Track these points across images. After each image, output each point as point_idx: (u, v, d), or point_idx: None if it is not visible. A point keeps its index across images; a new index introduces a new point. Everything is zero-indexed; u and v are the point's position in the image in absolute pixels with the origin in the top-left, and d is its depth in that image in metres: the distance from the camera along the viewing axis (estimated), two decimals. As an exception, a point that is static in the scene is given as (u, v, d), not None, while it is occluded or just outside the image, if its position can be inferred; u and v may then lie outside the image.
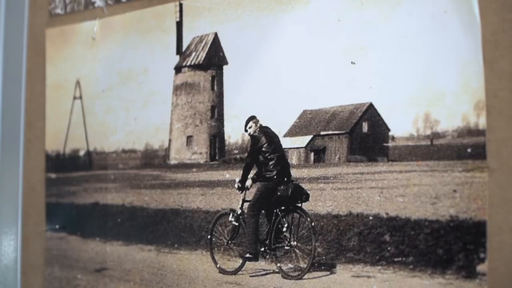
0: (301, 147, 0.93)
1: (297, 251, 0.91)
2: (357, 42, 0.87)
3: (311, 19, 0.90)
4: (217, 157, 0.98)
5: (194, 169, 0.99)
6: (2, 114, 1.10)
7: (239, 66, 0.95)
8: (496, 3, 0.80)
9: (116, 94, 1.04)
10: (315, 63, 0.90)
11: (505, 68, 0.79)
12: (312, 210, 0.90)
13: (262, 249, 0.93)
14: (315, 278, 0.88)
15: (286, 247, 0.92)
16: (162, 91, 1.01)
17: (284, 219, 0.93)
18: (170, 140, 1.01)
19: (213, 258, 0.95)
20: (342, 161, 0.90)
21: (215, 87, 0.99)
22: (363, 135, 0.89)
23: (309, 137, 0.92)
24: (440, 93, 0.82)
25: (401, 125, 0.85)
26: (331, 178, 0.90)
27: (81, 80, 1.07)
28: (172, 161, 1.01)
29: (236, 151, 0.97)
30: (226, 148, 0.97)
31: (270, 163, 0.93)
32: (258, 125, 0.94)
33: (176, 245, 0.98)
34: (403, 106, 0.84)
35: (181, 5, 0.99)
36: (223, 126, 0.97)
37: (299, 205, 0.91)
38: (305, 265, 0.89)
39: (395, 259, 0.84)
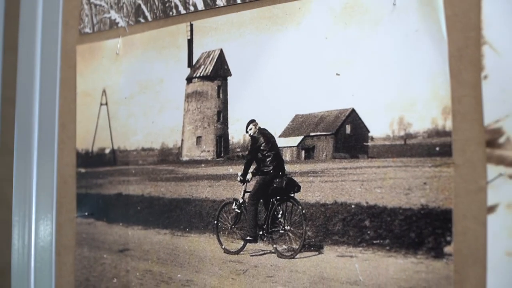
0: (293, 146, 0.92)
1: (290, 234, 0.90)
2: (342, 57, 0.87)
3: (302, 37, 0.89)
4: (222, 155, 0.97)
5: (202, 165, 0.98)
6: (39, 118, 1.09)
7: (241, 77, 0.94)
8: (460, 23, 0.79)
9: (136, 101, 1.02)
10: (305, 74, 0.89)
11: (468, 79, 0.78)
12: (303, 200, 0.89)
13: (261, 232, 0.92)
14: (305, 257, 0.87)
15: (281, 231, 0.90)
16: (176, 98, 1.00)
17: (279, 207, 0.91)
18: (182, 140, 1.00)
19: (219, 240, 0.94)
20: (328, 158, 0.89)
21: (221, 95, 0.98)
22: (347, 136, 0.87)
23: (300, 138, 0.91)
24: (412, 100, 0.81)
25: (379, 127, 0.84)
26: (319, 172, 0.89)
27: (107, 89, 1.06)
28: (184, 158, 0.99)
29: (238, 150, 0.96)
30: (230, 147, 0.96)
31: (267, 159, 0.92)
32: (257, 127, 0.93)
33: (187, 229, 0.97)
34: (380, 111, 0.83)
35: (191, 25, 0.98)
36: (227, 128, 0.96)
37: (292, 195, 0.90)
38: (297, 246, 0.88)
39: (374, 242, 0.83)
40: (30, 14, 1.12)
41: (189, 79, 1.00)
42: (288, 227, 0.90)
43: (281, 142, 0.92)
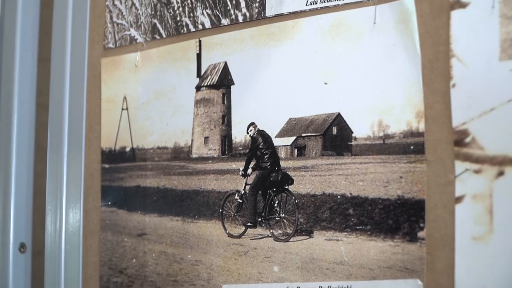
0: (287, 145, 0.90)
1: (285, 221, 0.88)
2: (329, 68, 0.86)
3: (295, 51, 0.88)
4: (226, 152, 0.96)
5: (209, 161, 0.96)
6: (69, 121, 1.07)
7: (242, 86, 0.93)
8: (431, 39, 0.78)
9: (152, 106, 1.01)
10: (297, 83, 0.88)
11: (439, 87, 0.77)
12: (295, 191, 0.87)
13: (259, 219, 0.91)
14: (298, 240, 0.86)
15: (277, 218, 0.89)
16: (186, 104, 0.98)
17: (275, 198, 0.90)
18: (192, 140, 0.98)
19: (223, 226, 0.92)
20: (317, 155, 0.88)
21: (225, 101, 0.96)
22: (333, 136, 0.86)
23: (293, 138, 0.90)
24: (390, 105, 0.80)
25: (361, 129, 0.83)
26: (310, 168, 0.87)
27: (127, 96, 1.04)
28: (194, 155, 0.98)
29: (240, 148, 0.94)
30: (233, 146, 0.95)
31: (265, 157, 0.91)
32: (256, 129, 0.92)
33: (196, 217, 0.96)
34: (362, 115, 0.82)
35: (200, 41, 0.97)
36: (230, 129, 0.95)
37: (286, 187, 0.89)
38: (290, 231, 0.87)
39: (357, 227, 0.82)
40: (61, 31, 1.11)
41: (198, 88, 0.98)
42: (283, 215, 0.89)
43: (277, 141, 0.91)
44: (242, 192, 0.94)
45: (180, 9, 1.01)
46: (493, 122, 0.73)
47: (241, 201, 0.93)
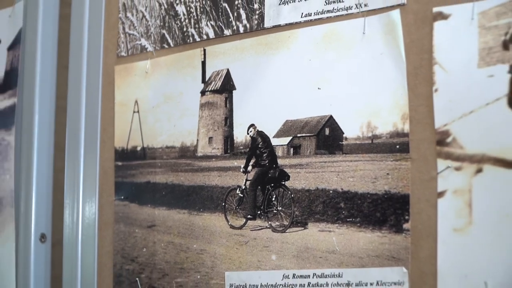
0: (284, 145, 0.89)
1: (282, 213, 0.87)
2: (322, 74, 0.84)
3: (291, 59, 0.87)
4: (228, 151, 0.95)
5: (213, 159, 0.95)
6: (85, 123, 1.07)
7: (243, 91, 0.92)
8: (416, 48, 0.77)
9: (161, 110, 1.00)
10: (293, 88, 0.86)
11: (422, 92, 0.76)
12: (291, 186, 0.86)
13: (259, 212, 0.90)
14: (294, 231, 0.85)
15: (274, 211, 0.88)
16: (192, 107, 0.97)
17: (273, 192, 0.89)
18: (197, 140, 0.97)
19: (226, 218, 0.91)
20: (311, 154, 0.87)
21: (227, 104, 0.95)
22: (326, 137, 0.85)
23: (289, 138, 0.89)
24: (378, 108, 0.79)
25: (351, 130, 0.82)
26: (304, 165, 0.86)
27: (138, 100, 1.03)
28: (199, 154, 0.97)
29: (241, 147, 0.93)
30: (234, 145, 0.94)
31: (264, 155, 0.90)
32: (256, 130, 0.91)
33: (201, 210, 0.95)
34: (352, 117, 0.81)
35: (204, 50, 0.96)
36: (232, 130, 0.94)
37: (283, 183, 0.88)
38: (287, 223, 0.86)
39: (348, 219, 0.81)
40: (78, 41, 1.09)
41: (203, 92, 0.97)
42: (280, 208, 0.88)
43: (274, 141, 0.90)
44: (243, 187, 0.92)
45: (187, 20, 0.99)
46: (472, 124, 0.72)
47: (242, 195, 0.92)
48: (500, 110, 0.70)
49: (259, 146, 0.90)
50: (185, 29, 0.99)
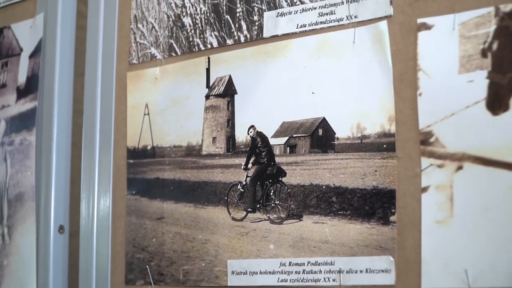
0: (281, 144, 0.88)
1: (279, 207, 0.86)
2: (316, 80, 0.83)
3: (287, 66, 0.86)
4: (230, 150, 0.94)
5: (217, 157, 0.94)
6: (100, 124, 1.06)
7: (244, 95, 0.91)
8: (401, 56, 0.76)
9: (169, 112, 0.98)
10: (290, 93, 0.85)
11: (407, 96, 0.75)
12: (288, 182, 0.85)
13: (258, 205, 0.88)
14: (290, 223, 0.84)
15: (272, 205, 0.87)
16: (198, 110, 0.96)
17: (271, 188, 0.88)
18: (202, 140, 0.96)
19: (228, 211, 0.90)
20: (306, 153, 0.86)
21: (229, 108, 0.94)
22: (319, 137, 0.84)
23: (286, 138, 0.87)
24: (366, 111, 0.78)
25: (342, 131, 0.81)
26: (300, 163, 0.85)
27: (148, 104, 1.01)
28: (204, 152, 0.95)
29: (242, 147, 0.92)
30: (236, 144, 0.93)
31: (263, 154, 0.89)
32: (256, 130, 0.90)
33: (206, 203, 0.93)
34: (343, 119, 0.80)
35: (209, 58, 0.95)
36: (234, 131, 0.93)
37: (280, 179, 0.86)
38: (284, 215, 0.85)
39: (339, 212, 0.79)
40: (93, 50, 1.07)
41: (207, 97, 0.96)
42: (278, 202, 0.87)
43: (272, 141, 0.88)
44: (244, 183, 0.91)
45: (192, 31, 0.98)
46: (454, 125, 0.71)
47: (242, 190, 0.91)
48: (479, 113, 0.69)
49: (259, 145, 0.89)
50: (191, 39, 0.98)
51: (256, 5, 0.90)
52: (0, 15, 1.17)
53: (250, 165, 0.90)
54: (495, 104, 0.68)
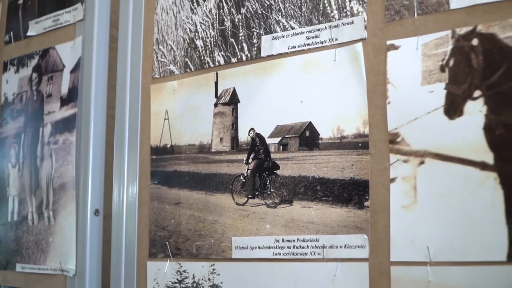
0: (276, 143, 0.85)
1: (274, 194, 0.83)
2: (304, 91, 0.80)
3: (281, 80, 0.83)
4: (234, 148, 0.91)
5: (223, 154, 0.91)
6: (129, 127, 1.03)
7: (245, 104, 0.88)
8: (374, 70, 0.73)
9: (185, 117, 0.95)
10: (283, 101, 0.83)
11: (378, 104, 0.72)
12: (281, 174, 0.82)
13: (257, 193, 0.86)
14: (283, 207, 0.81)
15: (268, 192, 0.84)
16: (208, 116, 0.93)
17: (267, 178, 0.85)
18: (211, 140, 0.93)
19: (232, 198, 0.87)
20: (295, 150, 0.83)
21: (234, 114, 0.91)
22: (306, 137, 0.81)
23: (279, 138, 0.85)
24: (345, 116, 0.75)
25: (325, 132, 0.78)
26: (290, 158, 0.83)
27: (168, 110, 0.98)
28: (213, 150, 0.92)
29: (244, 145, 0.89)
30: (239, 143, 0.90)
31: (261, 151, 0.86)
32: (255, 132, 0.87)
33: (214, 191, 0.90)
34: (326, 123, 0.77)
35: (217, 73, 0.92)
36: (237, 132, 0.90)
37: (275, 171, 0.84)
38: (278, 201, 0.82)
39: (323, 198, 0.76)
40: (123, 66, 1.04)
41: (216, 105, 0.93)
42: (273, 190, 0.84)
43: (268, 141, 0.86)
44: (245, 174, 0.88)
45: (204, 51, 0.94)
46: (417, 127, 0.68)
47: (244, 180, 0.88)
48: (438, 117, 0.67)
49: (257, 144, 0.87)
50: (202, 58, 0.94)
51: (255, 30, 0.87)
52: (46, 38, 1.14)
53: (250, 160, 0.88)
54: (451, 110, 0.65)
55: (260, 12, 0.86)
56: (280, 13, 0.83)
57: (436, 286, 0.62)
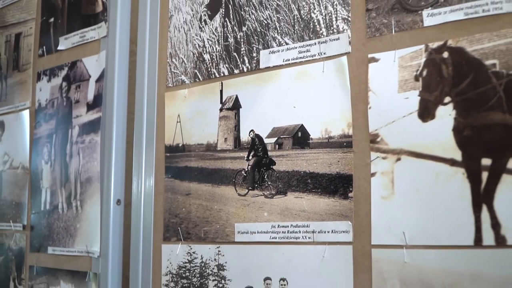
0: (272, 142, 0.84)
1: (271, 186, 0.81)
2: (297, 98, 0.78)
3: (277, 89, 0.81)
4: (237, 147, 0.89)
5: (227, 152, 0.89)
6: (146, 128, 1.00)
7: (246, 109, 0.86)
8: (356, 80, 0.72)
9: (194, 121, 0.93)
10: (279, 107, 0.81)
11: (361, 109, 0.71)
12: (277, 169, 0.81)
13: (256, 185, 0.84)
14: (279, 198, 0.79)
15: (266, 185, 0.82)
16: (214, 119, 0.90)
17: (265, 173, 0.83)
18: (217, 140, 0.91)
19: (235, 189, 0.86)
20: (289, 148, 0.81)
21: (236, 117, 0.89)
22: (299, 137, 0.79)
23: (275, 138, 0.83)
24: (332, 120, 0.74)
25: (315, 133, 0.76)
26: (285, 156, 0.81)
27: (180, 114, 0.96)
28: (218, 148, 0.91)
29: (245, 144, 0.88)
30: (241, 143, 0.88)
31: (259, 149, 0.84)
32: (254, 133, 0.85)
33: (219, 183, 0.88)
34: (316, 125, 0.76)
35: (222, 83, 0.90)
36: (239, 133, 0.88)
37: (272, 167, 0.82)
38: (274, 192, 0.80)
39: (313, 190, 0.75)
40: (141, 77, 1.02)
41: (221, 110, 0.91)
42: (270, 183, 0.82)
43: (266, 140, 0.84)
44: (246, 169, 0.87)
45: (210, 64, 0.92)
46: (394, 129, 0.67)
47: (245, 175, 0.86)
48: (413, 120, 0.65)
49: (256, 143, 0.85)
50: (209, 69, 0.92)
51: (255, 45, 0.85)
52: (74, 52, 1.12)
53: (250, 157, 0.86)
54: (424, 114, 0.64)
55: (259, 30, 0.85)
56: (276, 31, 0.82)
57: (411, 266, 0.61)
